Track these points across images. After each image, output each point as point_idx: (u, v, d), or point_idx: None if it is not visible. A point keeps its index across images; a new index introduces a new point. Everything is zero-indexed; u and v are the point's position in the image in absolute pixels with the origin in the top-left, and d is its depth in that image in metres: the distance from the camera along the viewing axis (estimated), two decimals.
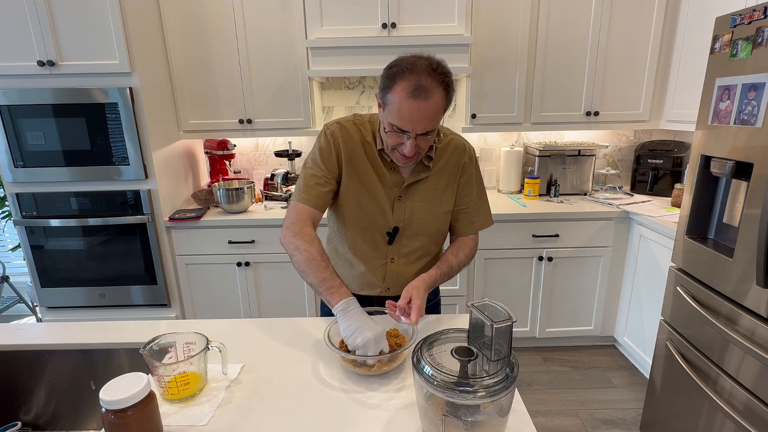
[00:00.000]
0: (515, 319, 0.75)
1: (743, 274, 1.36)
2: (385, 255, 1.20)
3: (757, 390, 1.31)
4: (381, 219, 1.16)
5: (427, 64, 0.95)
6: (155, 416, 0.75)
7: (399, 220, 1.16)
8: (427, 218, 1.18)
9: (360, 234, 1.19)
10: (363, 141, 1.14)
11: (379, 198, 1.15)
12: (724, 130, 1.45)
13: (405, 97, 0.94)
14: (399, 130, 0.99)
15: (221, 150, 2.63)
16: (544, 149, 2.60)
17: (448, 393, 0.68)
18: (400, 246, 1.19)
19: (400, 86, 0.94)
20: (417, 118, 0.96)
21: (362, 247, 1.20)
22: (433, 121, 0.98)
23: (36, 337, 1.13)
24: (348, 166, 1.14)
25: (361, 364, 0.93)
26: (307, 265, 1.04)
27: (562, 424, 2.03)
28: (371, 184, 1.14)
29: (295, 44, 2.34)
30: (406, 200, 1.16)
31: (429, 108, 0.95)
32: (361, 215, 1.17)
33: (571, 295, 2.48)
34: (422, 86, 0.93)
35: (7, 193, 2.22)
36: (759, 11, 1.30)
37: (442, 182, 1.17)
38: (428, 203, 1.17)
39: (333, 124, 1.16)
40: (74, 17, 1.99)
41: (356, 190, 1.15)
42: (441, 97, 0.96)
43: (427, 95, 0.93)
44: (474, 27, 2.32)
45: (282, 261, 2.37)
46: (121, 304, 2.39)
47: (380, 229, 1.17)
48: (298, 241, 1.06)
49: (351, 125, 1.15)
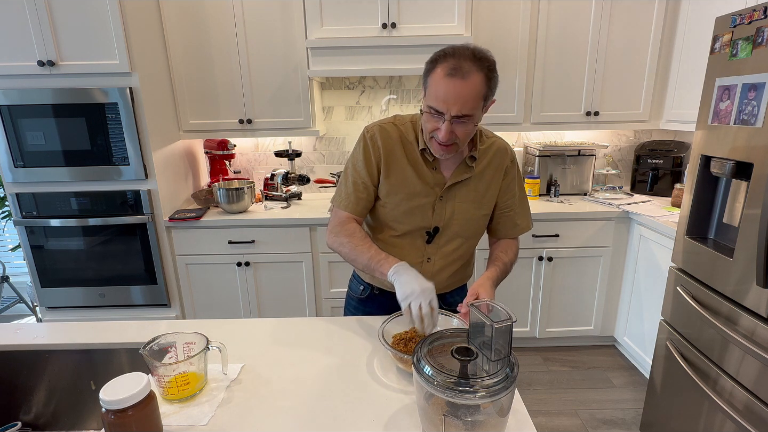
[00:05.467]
0: (515, 319, 0.75)
1: (743, 274, 1.36)
2: (423, 254, 1.19)
3: (757, 390, 1.31)
4: (421, 219, 1.16)
5: (470, 51, 0.97)
6: (155, 416, 0.75)
7: (440, 221, 1.16)
8: (468, 219, 1.17)
9: (399, 232, 1.18)
10: (404, 140, 1.14)
11: (420, 198, 1.14)
12: (724, 130, 1.45)
13: (442, 76, 0.95)
14: (435, 111, 0.99)
15: (221, 150, 2.63)
16: (544, 149, 2.60)
17: (449, 393, 0.68)
18: (438, 246, 1.19)
19: (440, 67, 0.96)
20: (452, 97, 0.95)
21: (399, 246, 1.19)
22: (468, 104, 0.96)
23: (36, 337, 1.13)
24: (387, 167, 1.14)
25: (407, 360, 0.92)
26: (354, 253, 1.10)
27: (562, 424, 2.03)
28: (412, 184, 1.14)
29: (295, 44, 2.34)
30: (447, 201, 1.15)
31: (465, 88, 0.94)
32: (400, 214, 1.16)
33: (571, 295, 2.48)
34: (461, 67, 0.94)
35: (7, 193, 2.22)
36: (759, 11, 1.30)
37: (484, 184, 1.16)
38: (469, 204, 1.16)
39: (373, 127, 1.16)
40: (74, 17, 1.99)
41: (396, 189, 1.15)
42: (480, 82, 0.96)
43: (465, 75, 0.94)
44: (474, 27, 2.32)
45: (282, 261, 2.37)
46: (121, 304, 2.39)
47: (420, 228, 1.17)
48: (341, 237, 1.13)
49: (391, 126, 1.16)
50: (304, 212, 2.39)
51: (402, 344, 0.97)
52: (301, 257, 2.37)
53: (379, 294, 1.26)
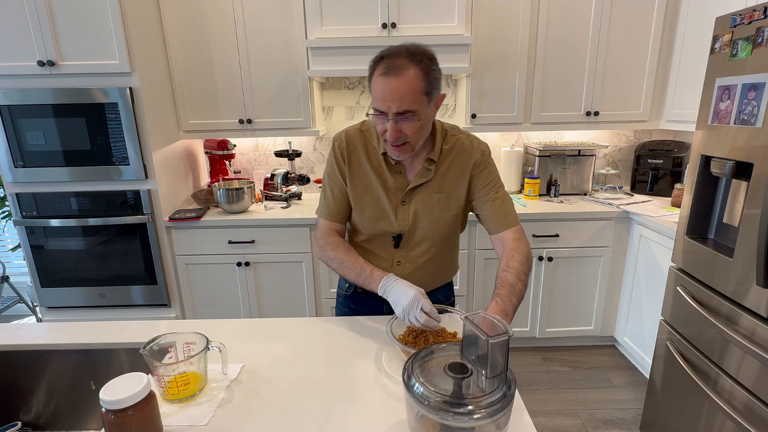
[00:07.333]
0: (512, 333, 0.71)
1: (743, 274, 1.36)
2: (392, 258, 1.20)
3: (757, 390, 1.31)
4: (386, 224, 1.16)
5: (404, 48, 0.98)
6: (155, 416, 0.75)
7: (403, 226, 1.16)
8: (434, 222, 1.16)
9: (367, 237, 1.20)
10: (367, 146, 1.16)
11: (383, 203, 1.15)
12: (724, 130, 1.45)
13: (378, 75, 0.98)
14: (379, 112, 1.00)
15: (221, 150, 2.63)
16: (544, 149, 2.60)
17: (442, 415, 0.64)
18: (407, 250, 1.19)
19: (378, 68, 0.98)
20: (389, 95, 0.96)
21: (370, 250, 1.21)
22: (407, 99, 0.96)
23: (36, 337, 1.13)
24: (351, 173, 1.16)
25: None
26: (342, 269, 1.15)
27: (562, 424, 2.03)
28: (374, 189, 1.15)
29: (295, 44, 2.34)
30: (409, 205, 1.15)
31: (400, 85, 0.95)
32: (365, 220, 1.18)
33: (571, 295, 2.48)
34: (394, 64, 0.96)
35: (7, 193, 2.22)
36: (759, 11, 1.30)
37: (450, 184, 1.15)
38: (433, 207, 1.15)
39: (340, 134, 1.19)
40: (74, 17, 1.99)
41: (360, 195, 1.17)
42: (415, 77, 0.96)
43: (398, 72, 0.95)
44: (474, 27, 2.32)
45: (282, 261, 2.37)
46: (121, 304, 2.39)
47: (386, 233, 1.17)
48: (328, 252, 1.17)
49: (355, 132, 1.18)
50: (304, 212, 2.39)
51: (411, 337, 0.99)
52: (301, 257, 2.37)
53: (362, 292, 1.26)
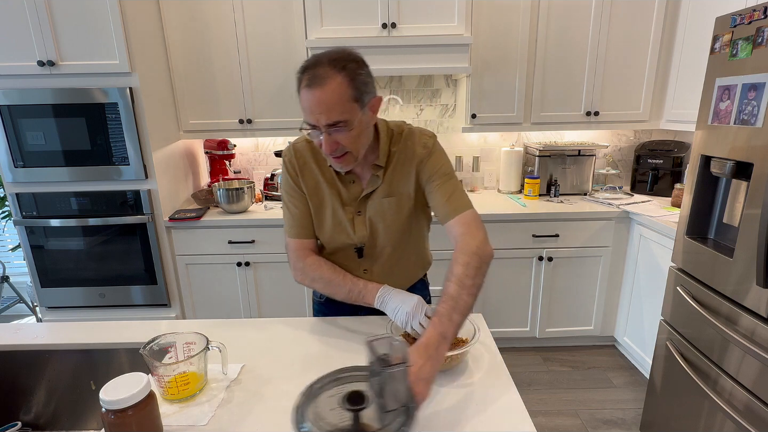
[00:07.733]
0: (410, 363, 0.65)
1: (743, 274, 1.36)
2: (359, 267, 1.17)
3: (757, 390, 1.31)
4: (345, 237, 1.13)
5: (327, 56, 0.92)
6: (155, 416, 0.75)
7: (362, 237, 1.12)
8: (389, 227, 1.12)
9: (331, 251, 1.17)
10: (317, 158, 1.10)
11: (339, 215, 1.11)
12: (724, 130, 1.45)
13: (303, 88, 0.91)
14: (310, 126, 0.94)
15: (221, 150, 2.63)
16: (544, 149, 2.60)
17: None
18: (372, 258, 1.16)
19: (303, 80, 0.92)
20: (316, 108, 0.90)
21: (336, 262, 1.15)
22: (335, 110, 0.90)
23: (36, 337, 1.13)
24: (306, 187, 1.11)
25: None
26: (329, 289, 1.10)
27: (562, 424, 2.03)
28: (330, 203, 1.11)
29: (295, 44, 2.34)
30: (365, 215, 1.11)
31: (325, 96, 0.89)
32: (325, 234, 1.14)
33: (571, 295, 2.48)
34: (317, 75, 0.90)
35: (7, 193, 2.22)
36: (759, 11, 1.30)
37: (398, 186, 1.10)
38: (385, 212, 1.11)
39: (288, 150, 1.12)
40: (74, 17, 1.99)
41: (317, 208, 1.12)
42: (339, 85, 0.89)
43: (322, 83, 0.89)
44: (474, 27, 2.32)
45: (282, 261, 2.37)
46: (121, 304, 2.39)
47: (347, 246, 1.14)
48: (311, 274, 1.11)
49: (303, 145, 1.11)
50: None
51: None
52: None
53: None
